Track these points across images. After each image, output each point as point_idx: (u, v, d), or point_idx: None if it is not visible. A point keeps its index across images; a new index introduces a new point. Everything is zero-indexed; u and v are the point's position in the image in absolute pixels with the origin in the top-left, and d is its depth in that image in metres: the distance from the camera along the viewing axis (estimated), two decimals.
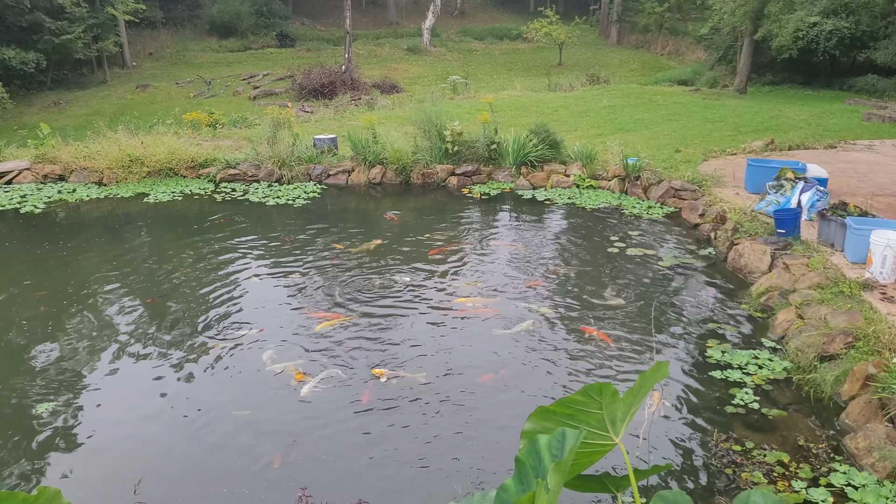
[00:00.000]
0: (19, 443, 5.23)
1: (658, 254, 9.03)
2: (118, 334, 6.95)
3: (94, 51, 28.57)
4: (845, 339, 5.88)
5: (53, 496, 2.20)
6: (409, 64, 33.93)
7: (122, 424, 5.44)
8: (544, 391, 5.77)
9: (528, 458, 2.22)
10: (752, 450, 4.96)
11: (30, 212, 11.34)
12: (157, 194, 12.14)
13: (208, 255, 9.17)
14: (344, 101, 24.08)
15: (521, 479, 2.18)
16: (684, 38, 34.16)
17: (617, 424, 2.65)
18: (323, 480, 4.69)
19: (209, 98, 27.17)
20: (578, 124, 16.48)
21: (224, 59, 34.53)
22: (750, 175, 10.42)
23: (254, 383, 5.99)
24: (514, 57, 36.08)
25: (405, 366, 6.18)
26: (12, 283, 8.43)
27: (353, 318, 7.15)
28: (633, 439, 5.09)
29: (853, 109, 17.87)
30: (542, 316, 7.17)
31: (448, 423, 5.35)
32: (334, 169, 13.11)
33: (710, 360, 6.26)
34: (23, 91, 26.53)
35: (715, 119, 16.40)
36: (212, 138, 15.31)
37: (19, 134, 15.70)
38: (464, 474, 4.76)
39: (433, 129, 12.92)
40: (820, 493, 4.47)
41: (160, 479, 4.77)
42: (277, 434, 5.24)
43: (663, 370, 2.67)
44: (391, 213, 10.96)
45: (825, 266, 7.39)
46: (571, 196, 11.74)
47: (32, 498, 2.06)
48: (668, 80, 26.36)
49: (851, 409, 5.32)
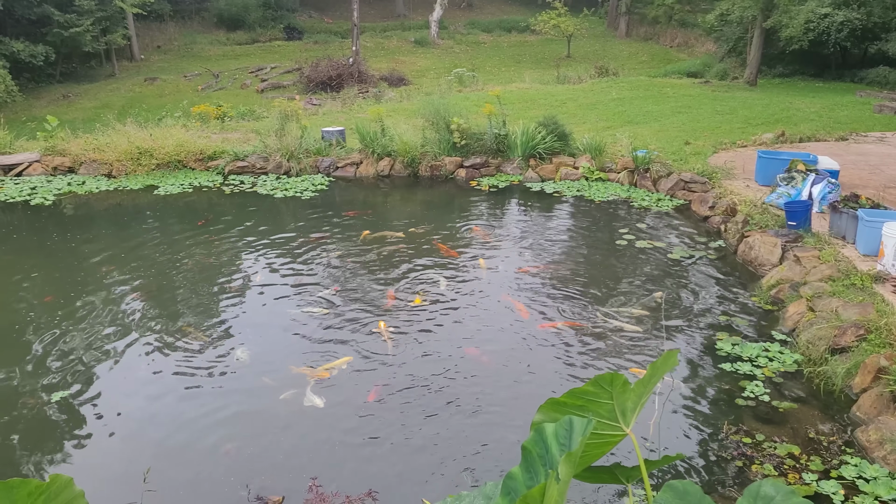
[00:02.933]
0: (32, 431, 5.27)
1: (667, 246, 8.99)
2: (131, 325, 6.98)
3: (102, 44, 28.59)
4: (857, 331, 5.84)
5: (66, 484, 2.21)
6: (416, 56, 33.82)
7: (133, 413, 5.47)
8: (557, 382, 5.77)
9: (535, 446, 2.21)
10: (762, 442, 4.94)
11: (40, 204, 11.38)
12: (167, 186, 12.16)
13: (219, 247, 9.19)
14: (351, 94, 24.03)
15: (528, 468, 2.17)
16: (694, 30, 33.89)
17: (627, 415, 2.63)
18: (333, 470, 4.70)
19: (217, 91, 27.19)
20: (587, 116, 16.41)
21: (232, 51, 34.51)
22: (761, 167, 10.36)
23: (266, 374, 6.01)
24: (523, 49, 35.92)
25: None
26: (23, 274, 8.47)
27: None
28: (643, 430, 5.08)
29: (864, 101, 17.72)
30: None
31: (459, 413, 5.35)
32: (342, 161, 13.10)
33: (721, 352, 6.23)
34: (32, 84, 26.59)
35: (725, 111, 16.29)
36: (220, 131, 15.31)
37: (29, 126, 15.73)
38: (475, 464, 4.76)
39: (441, 121, 12.88)
40: (831, 486, 4.44)
41: (170, 467, 4.79)
42: (288, 425, 5.25)
43: (673, 360, 2.65)
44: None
45: (836, 258, 7.35)
46: (580, 188, 11.70)
47: (45, 485, 2.07)
48: (678, 73, 26.19)
49: (863, 402, 5.28)
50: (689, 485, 2.01)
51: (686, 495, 1.96)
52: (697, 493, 1.95)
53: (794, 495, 1.84)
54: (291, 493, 4.48)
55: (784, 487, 1.86)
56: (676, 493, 1.97)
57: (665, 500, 1.95)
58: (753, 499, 1.86)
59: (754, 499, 1.86)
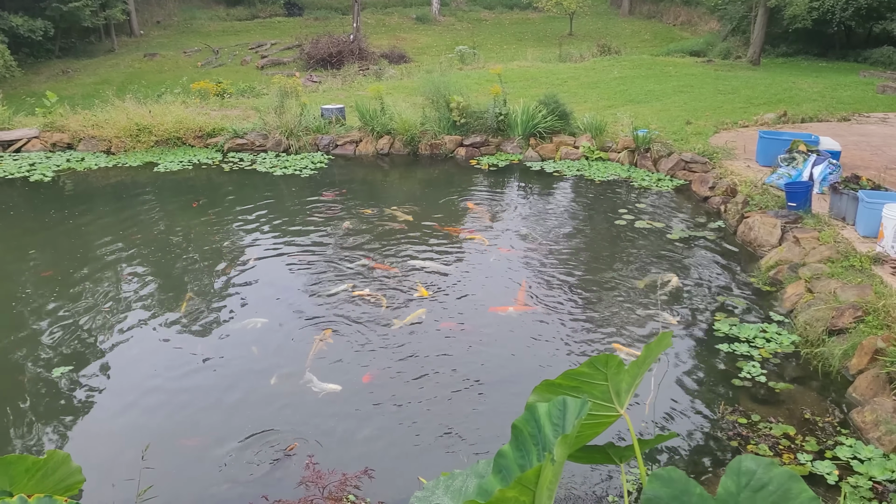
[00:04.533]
0: (31, 406, 5.30)
1: (667, 226, 8.98)
2: (131, 301, 7.00)
3: (101, 19, 28.35)
4: (854, 313, 5.85)
5: (63, 460, 2.22)
6: (417, 34, 33.55)
7: (131, 390, 5.50)
8: (552, 364, 5.80)
9: (527, 425, 2.22)
10: (758, 423, 4.97)
11: (39, 180, 11.35)
12: (167, 163, 12.12)
13: (219, 224, 9.18)
14: (352, 71, 23.85)
15: (519, 446, 2.19)
16: (697, 9, 33.55)
17: (622, 395, 2.65)
18: (329, 449, 4.73)
19: (217, 67, 27.00)
20: (588, 95, 16.31)
21: (231, 27, 34.24)
22: (762, 147, 10.31)
23: (265, 351, 6.03)
24: (524, 27, 35.62)
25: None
26: (22, 250, 8.48)
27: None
28: (638, 411, 5.11)
29: (868, 82, 17.60)
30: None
31: (454, 394, 5.38)
32: (342, 139, 13.05)
33: (718, 333, 6.25)
34: (31, 59, 26.39)
35: (727, 91, 16.19)
36: (219, 108, 15.23)
37: (28, 102, 15.63)
38: (469, 444, 4.80)
39: (441, 99, 12.81)
40: (825, 466, 4.48)
41: (168, 444, 4.83)
42: (287, 404, 5.28)
43: (667, 341, 2.66)
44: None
45: (836, 240, 7.34)
46: (580, 168, 11.66)
47: (42, 461, 2.08)
48: (680, 51, 25.97)
49: (859, 383, 5.31)
50: (674, 471, 2.03)
51: (672, 482, 1.98)
52: (682, 479, 1.98)
53: (774, 465, 1.86)
54: (288, 471, 4.51)
55: (764, 460, 1.88)
56: (663, 481, 2.00)
57: (653, 489, 1.98)
58: (736, 475, 1.89)
59: (737, 475, 1.89)
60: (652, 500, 1.96)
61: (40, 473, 2.15)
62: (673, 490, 1.95)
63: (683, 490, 1.94)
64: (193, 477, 4.58)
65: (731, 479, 1.91)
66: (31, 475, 2.17)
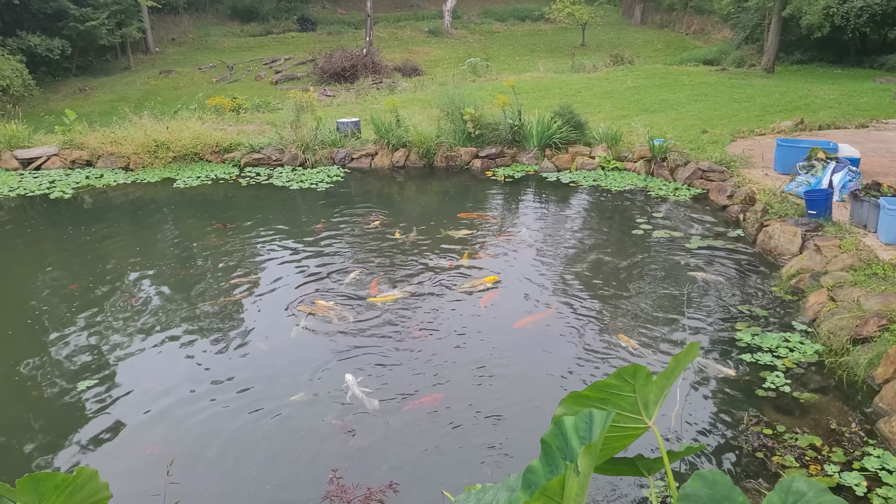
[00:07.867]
0: (58, 421, 5.32)
1: (685, 235, 8.92)
2: (155, 316, 7.03)
3: (117, 37, 28.74)
4: (879, 321, 5.77)
5: (91, 476, 2.22)
6: (430, 46, 33.72)
7: (155, 404, 5.50)
8: (577, 376, 5.75)
9: (555, 439, 2.19)
10: (783, 433, 4.90)
11: (59, 197, 11.47)
12: (185, 179, 12.21)
13: (238, 238, 9.22)
14: (365, 85, 24.00)
15: (548, 461, 2.16)
16: (710, 17, 33.49)
17: (650, 407, 2.61)
18: (353, 463, 4.71)
19: (232, 83, 27.25)
20: (603, 105, 16.30)
21: (246, 43, 34.57)
22: (780, 155, 10.24)
23: (286, 365, 6.03)
24: (537, 38, 35.70)
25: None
26: (42, 267, 8.55)
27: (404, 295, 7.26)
28: (663, 422, 5.06)
29: (885, 88, 17.45)
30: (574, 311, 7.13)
31: (481, 408, 5.35)
32: (358, 152, 13.10)
33: (740, 343, 6.18)
34: (49, 78, 26.79)
35: (742, 99, 16.12)
36: (235, 123, 15.36)
37: (46, 120, 15.84)
38: (494, 459, 4.76)
39: (456, 111, 12.84)
40: (853, 478, 4.40)
41: (192, 459, 4.83)
42: (314, 422, 5.27)
43: (694, 351, 2.62)
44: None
45: (858, 247, 7.26)
46: (596, 178, 11.63)
47: (71, 478, 2.08)
48: (694, 60, 25.93)
49: (886, 393, 5.23)
50: (719, 474, 1.98)
51: (715, 485, 1.94)
52: (727, 484, 1.93)
53: (826, 492, 1.81)
54: (312, 485, 4.50)
55: (817, 485, 1.83)
56: (706, 482, 1.95)
57: (694, 488, 1.93)
58: (785, 493, 1.84)
59: (786, 493, 1.84)
60: (690, 496, 1.91)
61: (69, 490, 2.15)
62: (715, 493, 1.91)
63: (726, 495, 1.89)
64: (218, 492, 4.57)
65: (778, 497, 1.87)
66: (61, 492, 2.17)
